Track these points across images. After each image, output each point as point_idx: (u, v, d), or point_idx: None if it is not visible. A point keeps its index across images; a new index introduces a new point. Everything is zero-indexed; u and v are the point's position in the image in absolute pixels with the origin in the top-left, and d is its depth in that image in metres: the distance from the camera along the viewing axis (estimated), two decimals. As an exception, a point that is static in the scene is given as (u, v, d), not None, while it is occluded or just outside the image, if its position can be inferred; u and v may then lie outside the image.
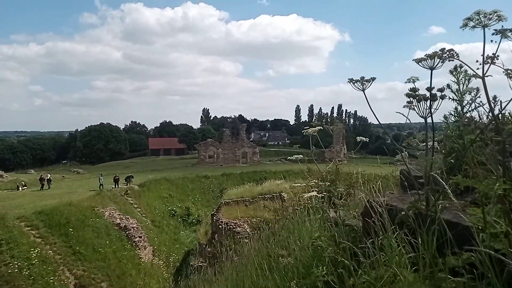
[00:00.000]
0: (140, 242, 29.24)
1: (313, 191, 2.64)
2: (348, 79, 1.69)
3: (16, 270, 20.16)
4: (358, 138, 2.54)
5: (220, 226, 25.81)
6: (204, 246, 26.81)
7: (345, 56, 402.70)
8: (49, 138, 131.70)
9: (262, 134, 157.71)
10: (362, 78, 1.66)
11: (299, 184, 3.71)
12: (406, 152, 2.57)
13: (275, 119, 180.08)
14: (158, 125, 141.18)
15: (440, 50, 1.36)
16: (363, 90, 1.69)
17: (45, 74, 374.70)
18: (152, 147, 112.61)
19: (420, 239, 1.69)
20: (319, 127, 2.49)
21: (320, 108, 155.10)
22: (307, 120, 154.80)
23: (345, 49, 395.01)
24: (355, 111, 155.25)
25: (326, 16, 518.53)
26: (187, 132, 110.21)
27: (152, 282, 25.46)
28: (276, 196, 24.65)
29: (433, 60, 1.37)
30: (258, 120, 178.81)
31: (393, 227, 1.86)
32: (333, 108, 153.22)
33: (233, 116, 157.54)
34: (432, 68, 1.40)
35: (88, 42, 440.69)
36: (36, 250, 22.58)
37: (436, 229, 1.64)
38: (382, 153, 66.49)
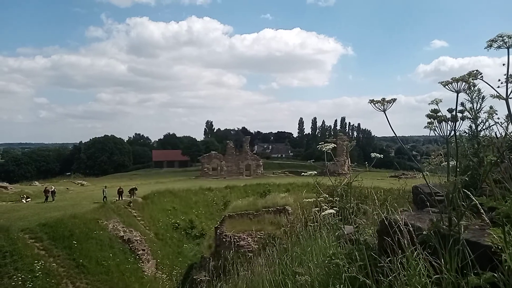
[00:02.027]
0: (144, 255, 29.07)
1: (329, 207, 2.65)
2: (369, 100, 1.72)
3: (19, 282, 20.11)
4: (373, 154, 2.55)
5: (224, 240, 25.64)
6: (207, 259, 26.58)
7: (348, 69, 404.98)
8: (53, 150, 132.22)
9: (265, 146, 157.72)
10: (383, 99, 1.69)
11: (308, 200, 3.71)
12: (422, 168, 2.58)
13: (278, 131, 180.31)
14: (162, 137, 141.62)
15: (467, 74, 1.39)
16: (384, 110, 1.71)
17: (50, 87, 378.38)
18: (156, 159, 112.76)
19: (443, 259, 1.69)
20: (333, 145, 2.51)
21: (323, 120, 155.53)
22: (310, 132, 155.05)
23: (348, 62, 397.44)
24: (359, 124, 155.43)
25: (330, 30, 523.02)
26: (191, 144, 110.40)
27: (155, 296, 25.24)
28: (280, 209, 24.54)
29: (458, 83, 1.40)
30: (262, 133, 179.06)
31: (415, 246, 1.86)
32: (336, 120, 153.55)
33: (236, 129, 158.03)
34: (458, 92, 1.43)
35: (93, 55, 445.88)
36: (40, 263, 22.55)
37: (459, 250, 1.64)
38: (386, 166, 66.31)
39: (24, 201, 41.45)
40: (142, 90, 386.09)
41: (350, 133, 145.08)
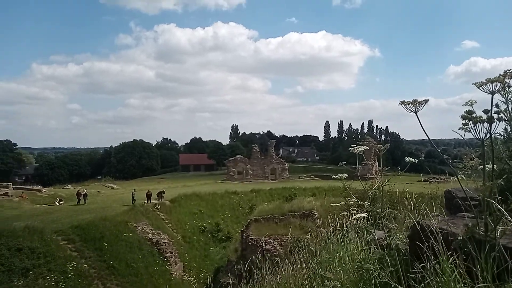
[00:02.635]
0: (171, 257, 29.52)
1: (359, 211, 2.61)
2: (400, 101, 1.69)
3: (52, 283, 20.55)
4: (407, 159, 2.49)
5: (250, 243, 25.67)
6: (233, 263, 26.69)
7: (375, 71, 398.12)
8: (85, 154, 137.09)
9: (290, 150, 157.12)
10: (415, 100, 1.66)
11: (336, 204, 3.67)
12: (458, 171, 2.50)
13: (304, 135, 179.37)
14: (188, 141, 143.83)
15: (502, 75, 1.35)
16: (416, 112, 1.68)
17: (82, 93, 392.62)
18: (183, 163, 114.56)
19: (478, 266, 1.63)
20: (365, 147, 2.47)
21: (350, 124, 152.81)
22: (336, 136, 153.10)
23: (375, 65, 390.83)
24: (386, 127, 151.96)
25: (356, 32, 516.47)
26: (216, 148, 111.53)
27: (182, 298, 25.52)
28: (306, 214, 24.34)
29: (493, 84, 1.36)
30: (287, 136, 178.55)
31: (449, 252, 1.81)
32: (363, 124, 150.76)
33: (261, 133, 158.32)
34: (493, 93, 1.39)
35: (123, 62, 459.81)
36: (72, 264, 23.15)
37: (496, 256, 1.59)
38: (416, 170, 64.45)
39: (58, 204, 43.05)
40: (169, 95, 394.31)
41: (378, 136, 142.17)
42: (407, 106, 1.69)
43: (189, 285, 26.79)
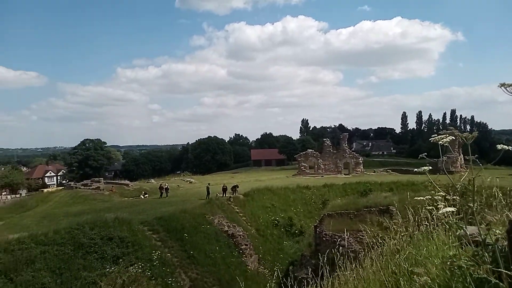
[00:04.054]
0: (247, 250, 30.37)
1: (446, 206, 2.47)
2: (500, 83, 1.56)
3: (140, 270, 21.97)
4: (499, 146, 2.28)
5: (324, 239, 25.39)
6: (308, 257, 26.65)
7: (458, 56, 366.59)
8: (165, 151, 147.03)
9: (364, 143, 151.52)
10: (518, 83, 1.52)
11: (421, 198, 3.50)
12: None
13: (378, 127, 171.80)
14: (259, 136, 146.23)
15: None
16: (518, 96, 1.54)
17: (161, 94, 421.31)
18: (254, 158, 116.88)
19: None
20: (451, 137, 2.31)
21: (430, 114, 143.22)
22: (415, 127, 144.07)
23: (458, 49, 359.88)
24: (472, 117, 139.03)
25: (435, 16, 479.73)
26: (287, 143, 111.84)
27: (259, 290, 26.02)
28: (383, 209, 23.35)
29: None
30: (360, 129, 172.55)
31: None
32: (445, 113, 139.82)
33: (333, 126, 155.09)
34: None
35: (197, 62, 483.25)
36: (157, 253, 24.70)
37: None
38: (506, 163, 57.86)
39: (143, 197, 46.73)
40: (240, 92, 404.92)
41: (462, 127, 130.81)
42: (508, 89, 1.55)
43: (264, 278, 27.28)
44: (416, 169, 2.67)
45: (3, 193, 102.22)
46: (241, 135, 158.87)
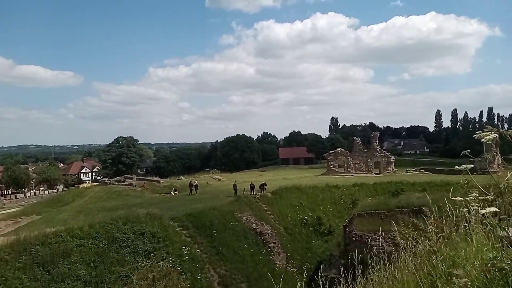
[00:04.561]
0: (275, 248, 30.36)
1: (486, 206, 2.36)
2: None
3: (170, 265, 22.48)
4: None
5: (354, 239, 24.99)
6: (337, 257, 26.33)
7: (495, 53, 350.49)
8: (194, 148, 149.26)
9: (396, 142, 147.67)
10: None
11: (458, 198, 3.37)
12: None
13: (411, 126, 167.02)
14: (287, 135, 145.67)
15: None
16: None
17: (191, 92, 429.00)
18: (282, 157, 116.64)
19: None
20: (495, 134, 2.20)
21: (466, 112, 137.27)
22: (449, 126, 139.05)
23: (495, 45, 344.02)
24: (510, 115, 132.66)
25: (471, 10, 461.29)
26: (315, 141, 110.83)
27: (287, 289, 25.98)
28: (416, 210, 22.69)
29: None
30: (392, 128, 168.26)
31: None
32: (481, 112, 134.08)
33: (363, 124, 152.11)
34: None
35: (226, 61, 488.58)
36: (187, 248, 25.12)
37: None
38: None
39: (173, 193, 47.71)
40: (268, 90, 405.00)
41: (500, 126, 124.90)
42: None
43: (293, 276, 27.20)
44: (457, 167, 2.56)
45: (41, 188, 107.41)
46: (269, 133, 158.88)
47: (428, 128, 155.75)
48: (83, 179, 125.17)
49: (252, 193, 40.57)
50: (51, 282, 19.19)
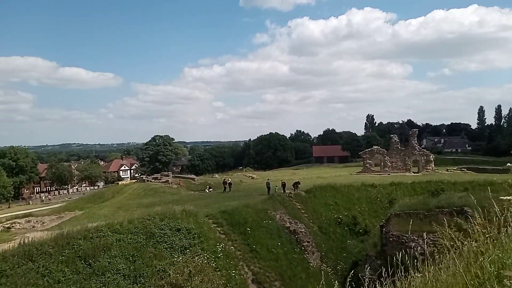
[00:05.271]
0: (308, 247, 30.08)
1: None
2: None
3: (205, 261, 22.76)
4: None
5: (391, 239, 24.33)
6: (373, 258, 25.72)
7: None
8: (228, 147, 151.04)
9: (436, 140, 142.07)
10: None
11: (507, 198, 3.17)
12: None
13: (452, 123, 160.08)
14: (321, 133, 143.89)
15: None
16: None
17: (225, 91, 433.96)
18: (316, 155, 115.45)
19: None
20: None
21: (510, 108, 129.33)
22: (493, 123, 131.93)
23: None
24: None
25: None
26: (351, 139, 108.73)
27: (321, 288, 25.67)
28: (457, 210, 21.72)
29: None
30: (431, 125, 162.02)
31: None
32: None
33: (400, 122, 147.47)
34: None
35: (259, 59, 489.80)
36: (221, 245, 25.29)
37: None
38: None
39: (207, 191, 48.48)
40: (302, 88, 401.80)
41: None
42: None
43: (327, 276, 26.82)
44: (508, 164, 2.40)
45: (83, 185, 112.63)
46: (303, 132, 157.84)
47: (470, 125, 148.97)
48: (122, 176, 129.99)
49: (284, 191, 40.42)
50: (92, 275, 19.96)
